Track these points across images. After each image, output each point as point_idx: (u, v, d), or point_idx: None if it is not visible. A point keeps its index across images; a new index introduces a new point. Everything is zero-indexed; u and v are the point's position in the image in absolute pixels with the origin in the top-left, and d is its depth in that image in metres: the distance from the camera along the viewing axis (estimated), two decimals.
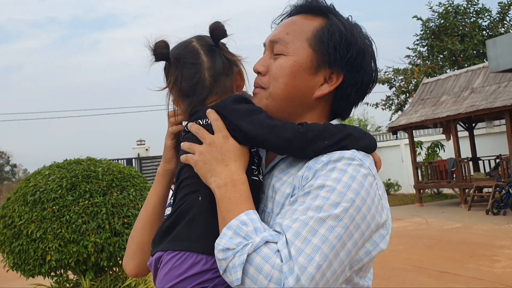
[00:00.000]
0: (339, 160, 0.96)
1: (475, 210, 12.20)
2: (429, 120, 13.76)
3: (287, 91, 1.08)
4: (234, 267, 0.89)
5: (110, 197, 4.62)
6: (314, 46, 1.07)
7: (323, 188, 0.93)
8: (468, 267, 6.37)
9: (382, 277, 6.15)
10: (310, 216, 0.90)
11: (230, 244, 0.91)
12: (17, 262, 4.50)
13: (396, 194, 18.77)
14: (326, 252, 0.88)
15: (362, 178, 0.94)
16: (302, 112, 1.11)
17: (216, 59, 1.09)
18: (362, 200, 0.93)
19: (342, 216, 0.90)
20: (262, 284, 0.86)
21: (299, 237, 0.88)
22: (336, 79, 1.08)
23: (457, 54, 21.82)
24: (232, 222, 0.93)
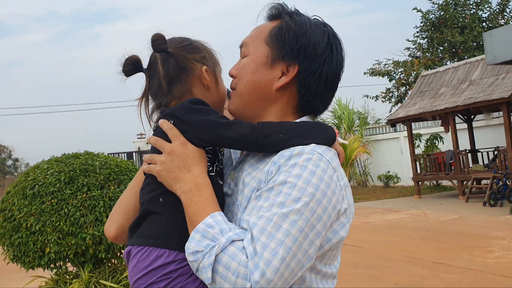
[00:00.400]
0: (300, 155, 1.03)
1: (473, 202, 12.28)
2: (428, 112, 13.81)
3: (249, 87, 1.17)
4: (204, 268, 0.97)
5: (107, 190, 4.70)
6: (269, 43, 1.16)
7: (285, 184, 1.00)
8: (462, 258, 6.46)
9: (377, 267, 6.25)
10: (274, 212, 0.97)
11: (198, 247, 0.98)
12: (17, 254, 4.60)
13: (396, 186, 18.86)
14: (289, 245, 0.95)
15: (321, 172, 1.01)
16: (267, 106, 1.18)
17: (168, 66, 1.17)
18: (322, 193, 1.00)
19: (303, 210, 0.98)
20: (231, 281, 0.94)
21: (264, 233, 0.96)
22: (292, 70, 1.15)
23: (457, 46, 21.79)
24: (199, 225, 1.01)
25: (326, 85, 1.17)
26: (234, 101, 1.21)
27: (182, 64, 1.18)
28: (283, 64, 1.16)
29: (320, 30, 1.17)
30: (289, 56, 1.15)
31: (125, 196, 1.31)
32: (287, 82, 1.16)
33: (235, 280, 0.94)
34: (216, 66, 1.26)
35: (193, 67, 1.19)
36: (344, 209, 1.06)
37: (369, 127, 22.53)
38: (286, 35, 1.15)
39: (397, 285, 5.44)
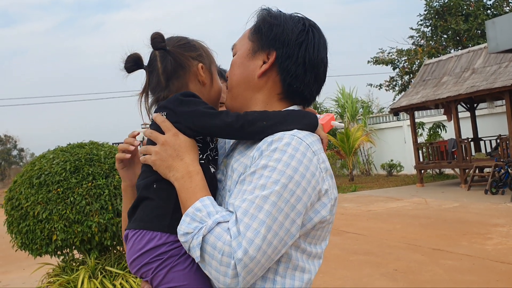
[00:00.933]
0: (281, 140, 1.11)
1: (475, 190, 12.35)
2: (430, 101, 13.82)
3: (236, 79, 1.29)
4: (193, 248, 1.07)
5: (112, 179, 4.81)
6: (250, 38, 1.29)
7: (266, 168, 1.09)
8: (461, 245, 6.56)
9: (377, 254, 6.35)
10: (256, 194, 1.07)
11: (188, 229, 1.09)
12: (25, 242, 4.73)
13: (399, 175, 18.92)
14: (270, 224, 1.05)
15: (300, 156, 1.10)
16: (253, 94, 1.28)
17: (166, 63, 1.26)
18: (301, 175, 1.08)
19: (283, 192, 1.06)
20: (217, 258, 1.04)
21: (247, 215, 1.05)
22: (271, 57, 1.25)
23: (461, 34, 21.68)
24: (189, 209, 1.11)
25: (306, 68, 1.24)
26: (227, 95, 1.33)
27: (179, 61, 1.27)
28: (263, 53, 1.26)
29: (295, 19, 1.27)
30: (267, 45, 1.25)
31: (125, 202, 1.43)
32: (267, 69, 1.25)
33: (220, 258, 1.03)
34: (212, 63, 1.34)
35: (190, 64, 1.28)
36: (325, 189, 1.14)
37: (372, 115, 22.54)
38: (262, 27, 1.26)
39: (396, 271, 5.55)
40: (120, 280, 4.83)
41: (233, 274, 1.03)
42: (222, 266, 1.04)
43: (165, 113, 1.22)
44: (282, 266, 1.13)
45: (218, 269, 1.05)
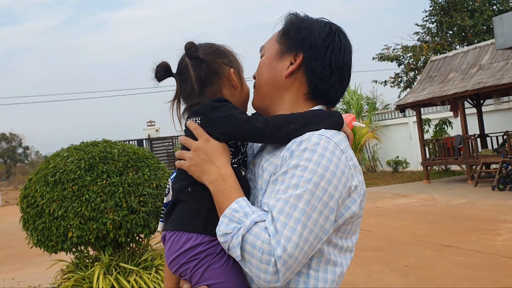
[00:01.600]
0: (310, 140, 1.16)
1: (482, 186, 12.35)
2: (437, 97, 13.82)
3: (264, 80, 1.34)
4: (233, 247, 1.12)
5: (126, 177, 4.87)
6: (278, 40, 1.35)
7: (298, 168, 1.13)
8: (470, 241, 6.59)
9: (387, 250, 6.39)
10: (290, 194, 1.11)
11: (227, 229, 1.13)
12: (41, 239, 4.80)
13: (405, 172, 18.93)
14: (305, 222, 1.10)
15: (330, 155, 1.14)
16: (281, 94, 1.33)
17: (200, 71, 1.31)
18: (332, 173, 1.13)
19: (315, 190, 1.11)
20: (257, 257, 1.09)
21: (283, 214, 1.10)
22: (298, 59, 1.31)
23: (466, 30, 21.62)
24: (226, 211, 1.16)
25: (332, 70, 1.29)
26: (254, 95, 1.39)
27: (213, 68, 1.31)
28: (291, 55, 1.31)
29: (322, 24, 1.32)
30: (295, 47, 1.30)
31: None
32: (294, 69, 1.31)
33: (260, 256, 1.08)
34: (240, 67, 1.39)
35: (223, 70, 1.32)
36: (355, 186, 1.19)
37: (378, 112, 22.52)
38: (290, 30, 1.32)
39: (407, 267, 5.59)
40: (134, 276, 4.90)
41: (274, 271, 1.08)
42: (263, 263, 1.08)
43: (199, 118, 1.26)
44: (315, 260, 1.18)
45: (258, 267, 1.09)
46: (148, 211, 4.88)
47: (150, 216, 4.90)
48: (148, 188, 4.96)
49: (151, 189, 5.00)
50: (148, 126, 25.62)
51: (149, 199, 4.93)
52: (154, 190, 5.06)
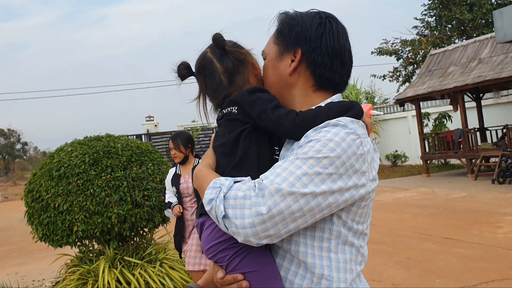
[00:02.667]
0: (326, 126, 1.21)
1: (481, 180, 12.40)
2: (437, 91, 13.83)
3: (270, 81, 1.39)
4: (217, 206, 1.16)
5: (130, 171, 4.89)
6: (275, 42, 1.39)
7: (310, 141, 1.18)
8: (471, 233, 6.63)
9: (388, 243, 6.43)
10: (296, 157, 1.16)
11: (210, 195, 1.19)
12: (46, 233, 4.81)
13: (403, 166, 18.98)
14: (303, 180, 1.12)
15: (344, 135, 1.17)
16: (289, 91, 1.37)
17: (227, 62, 1.34)
18: (343, 150, 1.15)
19: (322, 159, 1.14)
20: (242, 203, 1.13)
21: (280, 168, 1.15)
22: (297, 55, 1.35)
23: (465, 24, 21.62)
24: (209, 184, 1.22)
25: (331, 56, 1.33)
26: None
27: (240, 58, 1.35)
28: (290, 53, 1.35)
29: (311, 15, 1.36)
30: (291, 44, 1.34)
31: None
32: (296, 65, 1.35)
33: (243, 201, 1.13)
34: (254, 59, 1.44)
35: (248, 59, 1.37)
36: (364, 170, 1.20)
37: (376, 106, 22.55)
38: (284, 29, 1.36)
39: (409, 259, 5.63)
40: (138, 269, 4.92)
41: (267, 210, 1.10)
42: (252, 208, 1.12)
43: (235, 108, 1.29)
44: (333, 242, 1.21)
45: (245, 215, 1.12)
46: (152, 205, 4.90)
47: (154, 210, 4.92)
48: (152, 182, 4.98)
49: (155, 183, 5.02)
50: (147, 121, 25.59)
51: (153, 193, 4.95)
52: (158, 185, 5.08)
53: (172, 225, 6.46)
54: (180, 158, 4.31)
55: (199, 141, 23.88)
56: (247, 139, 1.26)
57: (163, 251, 5.36)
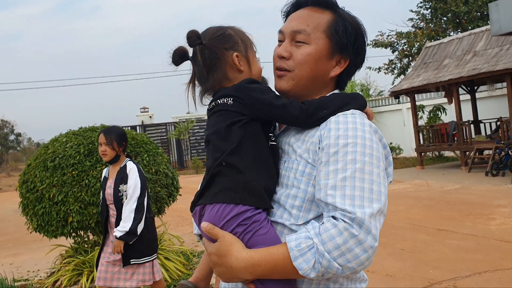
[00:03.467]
0: (347, 121, 1.23)
1: (475, 172, 12.48)
2: (431, 84, 13.86)
3: (311, 73, 1.33)
4: (329, 267, 1.09)
5: None
6: (330, 36, 1.33)
7: (348, 145, 1.19)
8: (465, 225, 6.68)
9: (382, 234, 6.45)
10: (352, 169, 1.16)
11: (309, 264, 1.09)
12: (41, 224, 4.81)
13: (398, 158, 19.04)
14: (377, 189, 1.17)
15: (368, 128, 1.23)
16: (321, 89, 1.37)
17: (205, 57, 1.34)
18: (376, 143, 1.23)
19: (371, 160, 1.19)
20: (347, 247, 1.08)
21: (356, 189, 1.15)
22: (344, 62, 1.36)
23: (460, 17, 21.62)
24: (291, 254, 1.11)
25: (360, 64, 1.42)
26: (291, 82, 1.34)
27: (215, 54, 1.34)
28: (339, 56, 1.35)
29: (362, 26, 1.38)
30: (345, 51, 1.35)
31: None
32: (341, 72, 1.37)
33: (348, 246, 1.08)
34: (249, 49, 1.39)
35: (224, 55, 1.34)
36: (385, 155, 1.29)
37: (371, 99, 22.57)
38: (349, 32, 1.34)
39: (403, 250, 5.67)
40: None
41: (376, 239, 1.11)
42: (363, 244, 1.08)
43: (231, 99, 1.29)
44: None
45: (358, 254, 1.08)
46: None
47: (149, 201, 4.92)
48: (148, 173, 4.97)
49: (151, 175, 5.02)
50: (141, 113, 25.50)
51: (148, 184, 4.94)
52: (153, 176, 5.07)
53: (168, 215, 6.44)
54: (111, 156, 3.76)
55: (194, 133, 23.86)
56: (242, 129, 1.27)
57: (159, 242, 5.37)
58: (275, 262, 1.13)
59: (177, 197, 5.48)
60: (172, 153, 23.81)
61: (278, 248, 1.14)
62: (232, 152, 1.25)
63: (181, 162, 23.86)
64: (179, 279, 5.00)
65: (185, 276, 5.09)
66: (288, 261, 1.11)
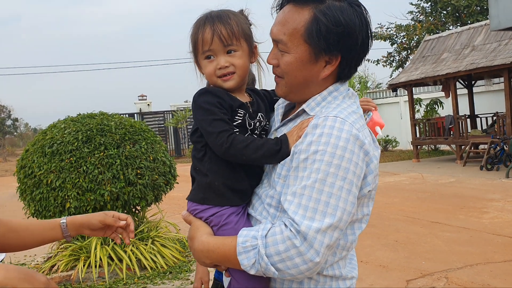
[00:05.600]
0: (324, 125, 1.20)
1: (470, 166, 12.57)
2: (429, 77, 13.89)
3: (298, 81, 1.31)
4: (266, 269, 1.15)
5: (123, 149, 4.90)
6: (308, 41, 1.25)
7: (317, 153, 1.17)
8: (458, 218, 6.76)
9: (377, 226, 6.54)
10: (314, 179, 1.16)
11: (249, 261, 1.17)
12: (38, 209, 4.84)
13: (394, 150, 19.13)
14: (334, 203, 1.15)
15: (346, 134, 1.18)
16: (316, 89, 1.33)
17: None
18: (351, 152, 1.18)
19: (337, 172, 1.16)
20: (287, 255, 1.13)
21: (311, 200, 1.15)
22: (335, 60, 1.28)
23: (460, 10, 21.59)
24: (237, 249, 1.19)
25: (360, 56, 1.32)
26: (284, 89, 1.35)
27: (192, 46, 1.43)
28: (325, 56, 1.27)
29: (352, 15, 1.25)
30: (330, 51, 1.25)
31: None
32: (332, 70, 1.30)
33: (289, 254, 1.13)
34: (198, 53, 1.40)
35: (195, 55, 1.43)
36: (369, 161, 1.24)
37: (369, 91, 22.58)
38: (324, 31, 1.23)
39: (397, 242, 5.74)
40: (130, 247, 4.98)
41: (318, 255, 1.13)
42: (303, 256, 1.12)
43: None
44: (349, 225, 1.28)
45: (298, 263, 1.13)
46: (145, 183, 4.93)
47: (147, 189, 4.96)
48: (145, 161, 5.01)
49: (148, 162, 5.05)
50: (139, 100, 25.44)
51: (146, 171, 4.98)
52: (151, 163, 5.11)
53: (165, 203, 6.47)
54: None
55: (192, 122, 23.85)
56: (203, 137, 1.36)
57: (155, 229, 5.42)
58: (225, 252, 1.21)
59: (174, 185, 5.52)
60: (169, 141, 23.82)
61: (231, 240, 1.21)
62: (199, 159, 1.38)
63: (178, 151, 23.88)
64: (175, 266, 5.06)
65: (181, 263, 5.15)
66: (235, 254, 1.19)
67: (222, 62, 1.34)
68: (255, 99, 1.44)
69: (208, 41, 1.34)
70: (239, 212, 1.33)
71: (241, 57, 1.37)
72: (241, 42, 1.36)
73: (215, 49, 1.35)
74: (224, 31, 1.33)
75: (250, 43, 1.39)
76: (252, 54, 1.42)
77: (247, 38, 1.38)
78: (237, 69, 1.36)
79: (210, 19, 1.35)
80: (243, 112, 1.35)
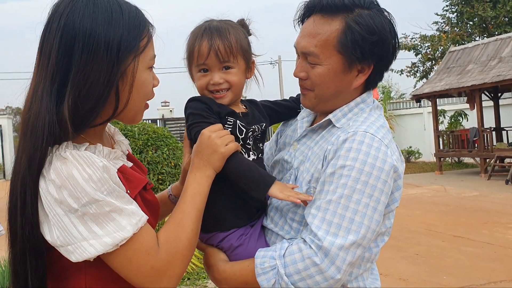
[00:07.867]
0: (354, 140, 1.19)
1: (495, 180, 12.30)
2: (454, 89, 13.69)
3: (331, 92, 1.30)
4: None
5: (146, 155, 4.97)
6: (341, 51, 1.24)
7: (345, 168, 1.16)
8: (481, 233, 6.61)
9: (398, 238, 6.45)
10: (339, 194, 1.15)
11: (269, 283, 1.16)
12: None
13: (417, 162, 18.87)
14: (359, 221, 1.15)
15: (375, 152, 1.17)
16: (346, 98, 1.33)
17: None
18: (379, 169, 1.17)
19: (364, 188, 1.15)
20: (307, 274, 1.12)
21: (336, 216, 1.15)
22: (367, 68, 1.28)
23: (487, 21, 21.25)
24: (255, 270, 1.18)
25: (390, 64, 1.32)
26: (313, 101, 1.34)
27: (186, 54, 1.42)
28: (358, 65, 1.27)
29: (382, 22, 1.25)
30: (364, 59, 1.25)
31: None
32: (364, 80, 1.30)
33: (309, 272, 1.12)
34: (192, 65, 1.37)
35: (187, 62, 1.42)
36: (395, 178, 1.23)
37: (392, 101, 22.37)
38: (359, 40, 1.22)
39: (418, 255, 5.65)
40: None
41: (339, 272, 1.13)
42: (324, 274, 1.11)
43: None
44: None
45: (319, 281, 1.12)
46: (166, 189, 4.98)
47: None
48: (167, 166, 5.06)
49: (170, 168, 5.10)
50: (162, 106, 25.74)
51: (167, 177, 5.03)
52: (172, 169, 5.16)
53: None
54: None
55: None
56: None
57: None
58: (243, 277, 1.21)
59: None
60: None
61: (248, 263, 1.21)
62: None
63: None
64: (193, 273, 5.08)
65: (199, 270, 5.16)
66: (254, 277, 1.18)
67: (216, 78, 1.30)
68: (250, 111, 1.40)
69: (204, 55, 1.29)
70: (248, 232, 1.30)
71: (237, 74, 1.32)
72: (238, 59, 1.32)
73: (210, 64, 1.31)
74: (222, 47, 1.28)
75: (248, 58, 1.35)
76: (249, 70, 1.37)
77: (245, 54, 1.33)
78: (232, 86, 1.32)
79: (209, 32, 1.30)
80: (232, 120, 1.31)
